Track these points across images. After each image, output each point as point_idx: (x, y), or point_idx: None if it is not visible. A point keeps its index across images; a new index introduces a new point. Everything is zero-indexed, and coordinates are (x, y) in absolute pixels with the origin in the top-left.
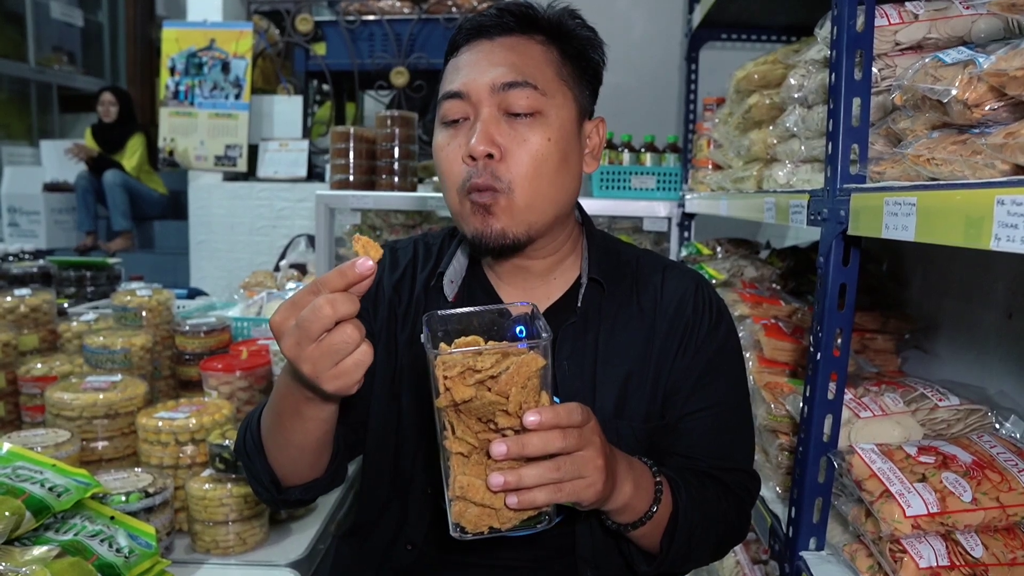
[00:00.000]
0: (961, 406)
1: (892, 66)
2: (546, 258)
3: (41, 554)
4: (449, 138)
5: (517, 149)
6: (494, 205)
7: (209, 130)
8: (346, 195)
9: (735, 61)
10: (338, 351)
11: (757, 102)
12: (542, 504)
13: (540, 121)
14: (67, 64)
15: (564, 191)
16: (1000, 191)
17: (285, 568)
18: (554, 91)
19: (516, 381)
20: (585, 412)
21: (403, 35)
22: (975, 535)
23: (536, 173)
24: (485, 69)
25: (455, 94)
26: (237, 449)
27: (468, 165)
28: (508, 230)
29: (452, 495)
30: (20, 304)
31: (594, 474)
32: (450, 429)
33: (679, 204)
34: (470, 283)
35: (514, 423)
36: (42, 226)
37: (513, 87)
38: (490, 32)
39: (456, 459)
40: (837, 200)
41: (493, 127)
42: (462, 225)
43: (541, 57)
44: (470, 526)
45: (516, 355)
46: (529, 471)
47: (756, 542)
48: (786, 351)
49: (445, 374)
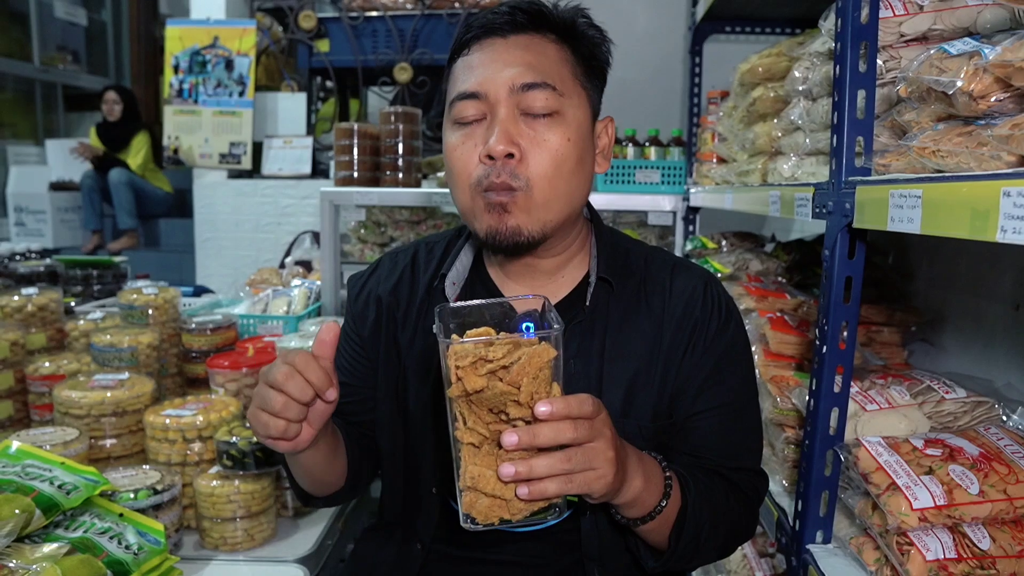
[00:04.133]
0: (968, 398)
1: (897, 58)
2: (555, 256)
3: (51, 551)
4: (464, 138)
5: (536, 149)
6: (511, 203)
7: (213, 128)
8: (350, 191)
9: (739, 54)
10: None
11: (761, 95)
12: (553, 495)
13: (558, 121)
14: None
15: (579, 190)
16: (1006, 183)
17: (293, 564)
18: (570, 91)
19: (528, 371)
20: (596, 404)
21: (406, 31)
22: (982, 527)
23: (556, 173)
24: (501, 69)
25: (471, 94)
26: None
27: (485, 164)
28: (523, 227)
29: (463, 485)
30: (27, 303)
31: (605, 466)
32: (461, 420)
33: (684, 198)
34: (473, 284)
35: (525, 414)
36: (48, 225)
37: (532, 88)
38: (502, 30)
39: (467, 449)
40: (842, 193)
41: (512, 127)
42: (473, 222)
43: (556, 56)
44: (480, 517)
45: (528, 345)
46: (540, 461)
47: (763, 535)
48: (792, 344)
49: (457, 364)
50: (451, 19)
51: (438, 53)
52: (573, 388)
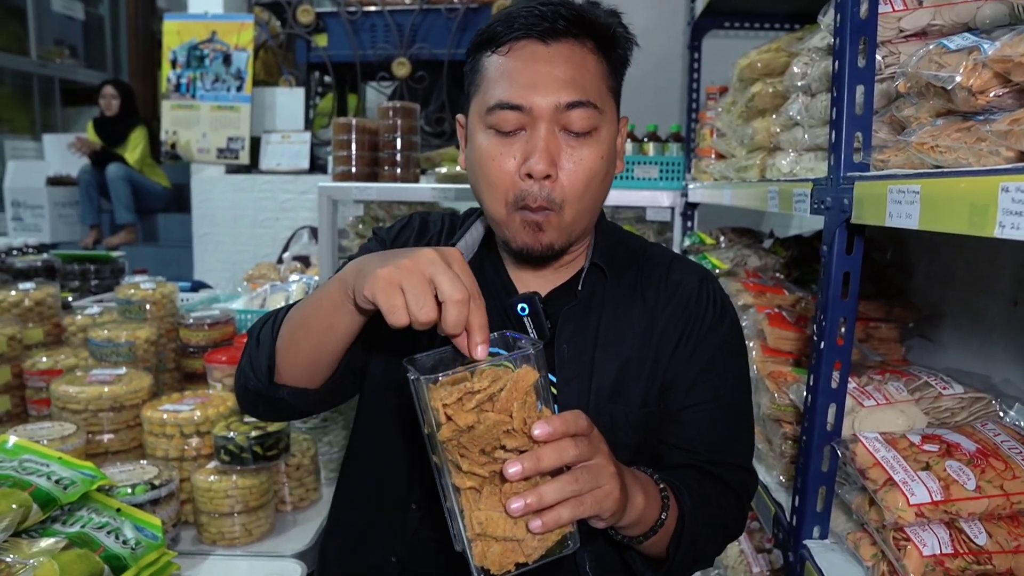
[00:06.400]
0: (965, 394)
1: (896, 53)
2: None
3: (48, 546)
4: (501, 147)
5: (574, 168)
6: (546, 223)
7: (211, 123)
8: (349, 187)
9: (738, 50)
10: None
11: (760, 90)
12: (567, 520)
13: (595, 139)
14: (69, 58)
15: (602, 199)
16: (1005, 178)
17: (290, 559)
18: (605, 106)
19: (516, 396)
20: (588, 420)
21: (405, 26)
22: (979, 523)
23: (586, 191)
24: (548, 84)
25: (515, 106)
26: (251, 330)
27: (523, 182)
28: (555, 243)
29: (471, 534)
30: (25, 298)
31: (610, 481)
32: (455, 467)
33: (682, 194)
34: (482, 260)
35: (521, 442)
36: (46, 220)
37: (575, 107)
38: (542, 34)
39: (468, 496)
40: (840, 188)
41: (554, 146)
42: (504, 232)
43: (595, 69)
44: (495, 567)
45: (509, 372)
46: (548, 488)
47: (760, 531)
48: (790, 340)
49: (444, 402)
50: (449, 14)
51: (436, 48)
52: (566, 371)
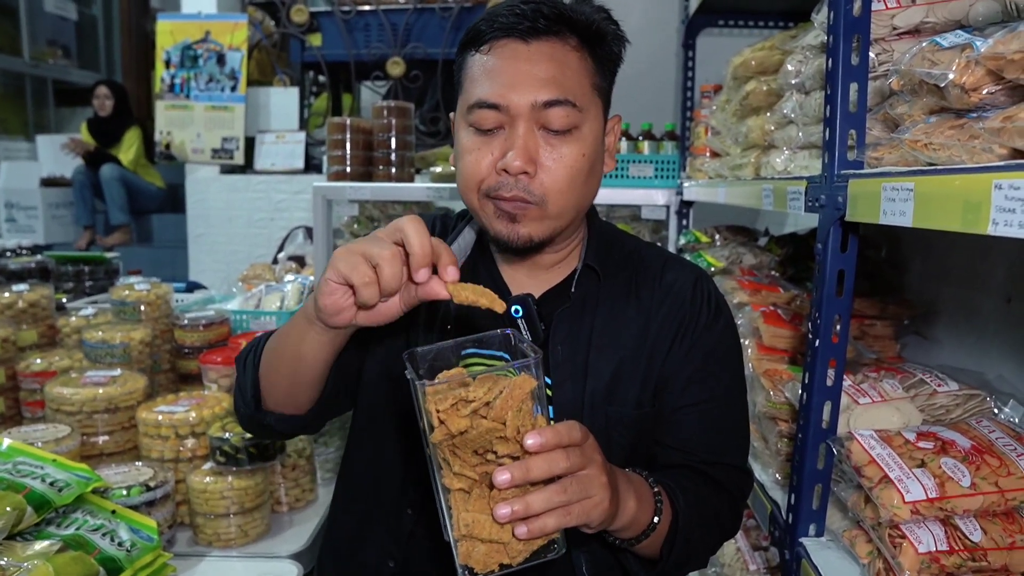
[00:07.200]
0: (960, 391)
1: (889, 51)
2: (557, 252)
3: (43, 549)
4: (479, 144)
5: (553, 165)
6: (522, 215)
7: (205, 123)
8: (343, 186)
9: (732, 48)
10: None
11: (754, 88)
12: (552, 530)
13: (576, 136)
14: (62, 58)
15: (589, 195)
16: (998, 175)
17: (286, 560)
18: (588, 104)
19: (511, 405)
20: (584, 430)
21: (399, 25)
22: (974, 520)
23: (569, 187)
24: (525, 82)
25: (492, 105)
26: (238, 357)
27: (499, 176)
28: (534, 235)
29: (457, 535)
30: (18, 300)
31: (600, 492)
32: (447, 466)
33: (677, 192)
34: (475, 263)
35: (513, 449)
36: (40, 221)
37: (553, 105)
38: (523, 33)
39: (457, 496)
40: (835, 186)
41: (531, 143)
42: (481, 221)
43: (578, 67)
44: (479, 567)
45: (507, 378)
46: (535, 497)
47: (756, 528)
48: (785, 338)
49: (438, 407)
50: (443, 13)
51: (431, 47)
52: (560, 373)
